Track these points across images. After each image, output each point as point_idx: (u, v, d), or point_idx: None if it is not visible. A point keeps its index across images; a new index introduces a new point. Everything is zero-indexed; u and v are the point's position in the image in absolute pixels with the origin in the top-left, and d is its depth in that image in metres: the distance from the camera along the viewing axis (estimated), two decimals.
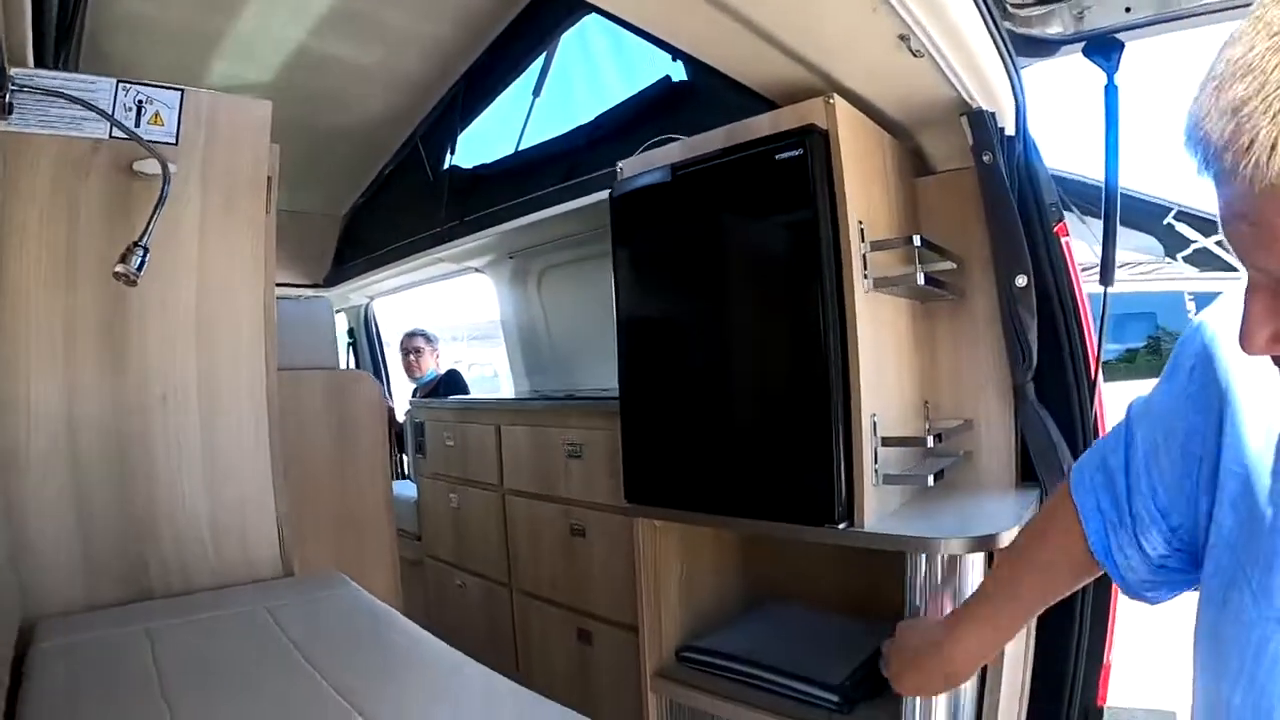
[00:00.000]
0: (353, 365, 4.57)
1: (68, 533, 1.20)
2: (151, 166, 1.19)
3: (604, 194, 1.73)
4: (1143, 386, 0.75)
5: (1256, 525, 0.58)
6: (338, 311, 4.46)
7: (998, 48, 1.29)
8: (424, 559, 2.97)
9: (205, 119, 1.30)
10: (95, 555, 1.22)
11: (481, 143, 3.10)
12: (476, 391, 4.22)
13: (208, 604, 1.22)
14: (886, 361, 1.36)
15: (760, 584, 1.94)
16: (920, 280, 1.28)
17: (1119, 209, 1.39)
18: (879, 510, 1.29)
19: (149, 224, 1.13)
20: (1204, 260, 3.92)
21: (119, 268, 1.10)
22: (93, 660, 0.99)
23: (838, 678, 1.42)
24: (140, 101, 1.23)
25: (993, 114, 1.40)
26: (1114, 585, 0.77)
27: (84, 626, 1.09)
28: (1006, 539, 1.17)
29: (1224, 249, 3.95)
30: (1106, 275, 1.38)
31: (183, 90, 1.27)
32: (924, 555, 1.23)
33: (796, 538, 1.34)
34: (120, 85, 1.22)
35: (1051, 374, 1.42)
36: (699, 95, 2.11)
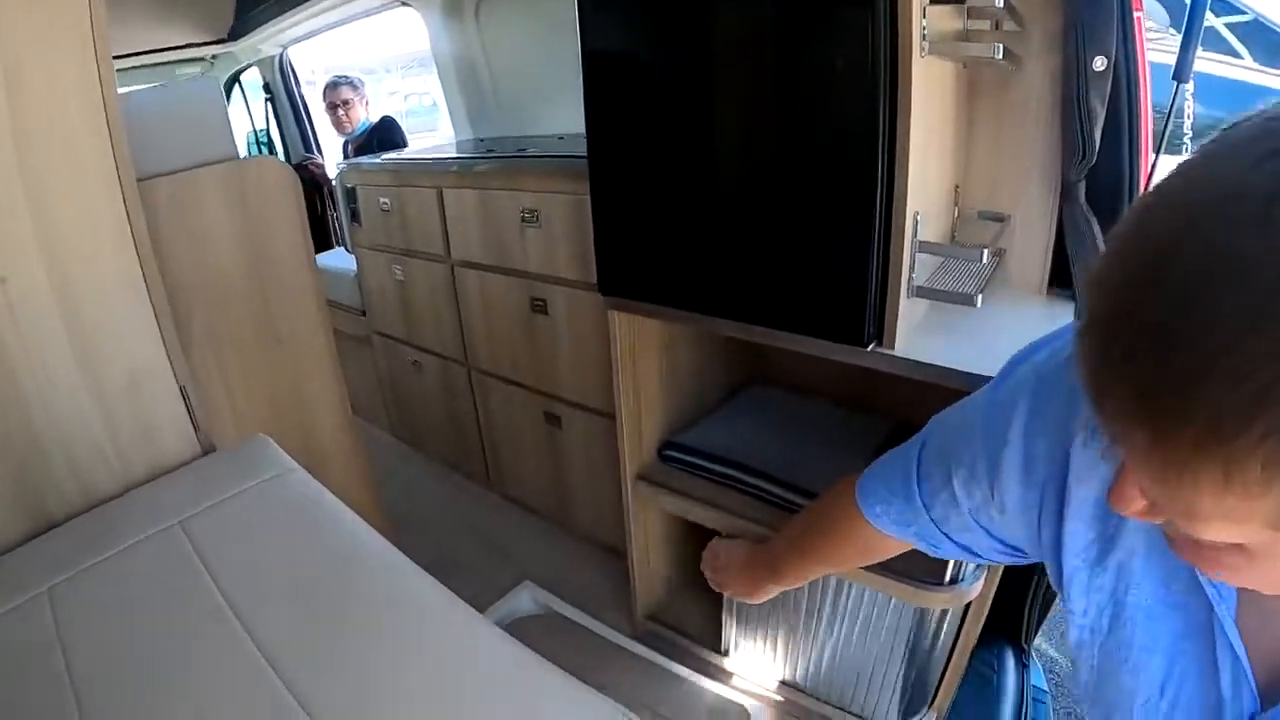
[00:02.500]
0: (273, 125, 4.04)
1: None
2: None
3: None
4: None
5: (1113, 630, 0.61)
6: (249, 66, 3.88)
7: None
8: (370, 335, 2.80)
9: None
10: None
11: None
12: (416, 123, 3.77)
13: (117, 528, 1.05)
14: (930, 145, 1.12)
15: (743, 367, 1.84)
16: (998, 54, 1.02)
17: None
18: (908, 326, 1.13)
19: None
20: (1206, 40, 3.58)
21: None
22: None
23: None
24: None
25: None
26: None
27: None
28: None
29: (1233, 33, 3.62)
30: (1183, 70, 1.13)
31: None
32: None
33: (813, 353, 1.19)
34: None
35: (1103, 171, 1.20)
36: None
